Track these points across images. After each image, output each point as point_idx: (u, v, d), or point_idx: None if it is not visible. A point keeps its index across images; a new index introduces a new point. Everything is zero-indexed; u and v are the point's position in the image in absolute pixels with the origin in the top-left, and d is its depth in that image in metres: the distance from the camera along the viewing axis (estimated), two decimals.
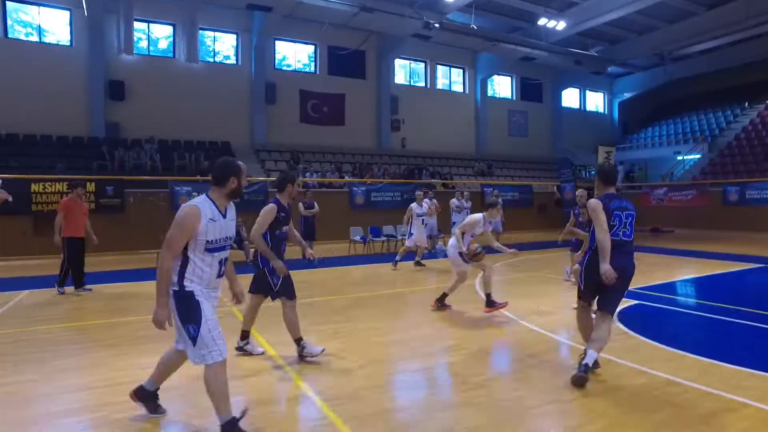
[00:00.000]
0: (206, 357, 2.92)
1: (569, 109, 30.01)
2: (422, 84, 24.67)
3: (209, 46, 20.15)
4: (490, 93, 26.65)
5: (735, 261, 11.65)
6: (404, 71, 24.27)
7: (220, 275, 3.12)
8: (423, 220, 11.70)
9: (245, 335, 4.74)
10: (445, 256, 13.44)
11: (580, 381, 3.88)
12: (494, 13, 21.36)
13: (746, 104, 26.87)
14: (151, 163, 16.52)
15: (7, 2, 16.57)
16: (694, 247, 15.06)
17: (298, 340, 4.59)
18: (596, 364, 4.09)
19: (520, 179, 24.08)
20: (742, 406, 3.55)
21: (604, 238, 3.94)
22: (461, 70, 25.78)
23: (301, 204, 12.45)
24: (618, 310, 6.55)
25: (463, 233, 6.59)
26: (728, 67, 26.49)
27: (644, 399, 3.71)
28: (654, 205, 22.19)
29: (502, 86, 27.53)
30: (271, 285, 4.55)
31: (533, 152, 27.21)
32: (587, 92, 31.03)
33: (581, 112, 30.76)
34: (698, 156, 25.16)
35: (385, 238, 14.33)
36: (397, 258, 11.01)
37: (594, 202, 4.09)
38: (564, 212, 21.17)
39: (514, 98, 27.64)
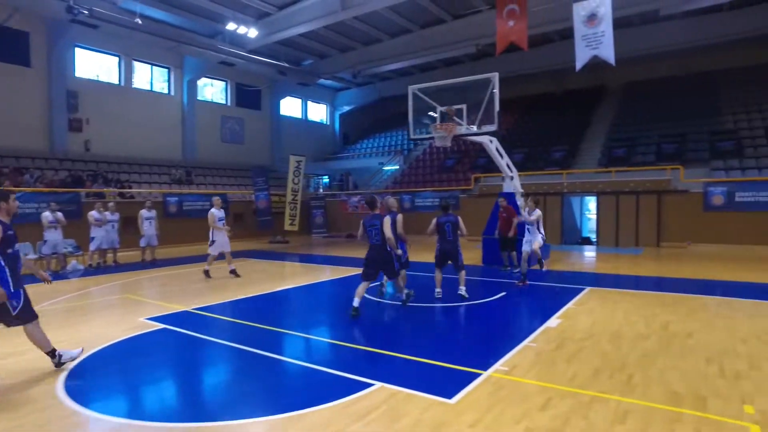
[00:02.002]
0: None
1: (291, 119, 30.61)
2: (115, 81, 21.98)
3: None
4: (200, 97, 25.33)
5: (358, 266, 12.60)
6: (93, 64, 21.24)
7: None
8: (223, 223, 11.13)
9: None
10: (81, 275, 11.93)
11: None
12: (184, 11, 20.07)
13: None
14: None
15: None
16: (349, 252, 16.24)
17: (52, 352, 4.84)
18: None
19: (226, 187, 23.34)
20: None
21: (359, 239, 7.60)
22: (166, 70, 23.87)
23: None
24: (127, 336, 6.12)
25: None
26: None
27: None
28: (350, 212, 23.77)
29: (215, 90, 26.48)
30: (9, 309, 4.57)
31: (250, 160, 26.79)
32: (309, 103, 32.12)
33: (303, 122, 31.71)
34: (397, 167, 28.09)
35: None
36: (206, 267, 10.96)
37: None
38: (259, 221, 21.16)
39: (229, 104, 26.84)
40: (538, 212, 9.75)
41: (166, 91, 23.91)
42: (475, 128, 10.19)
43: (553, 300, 8.13)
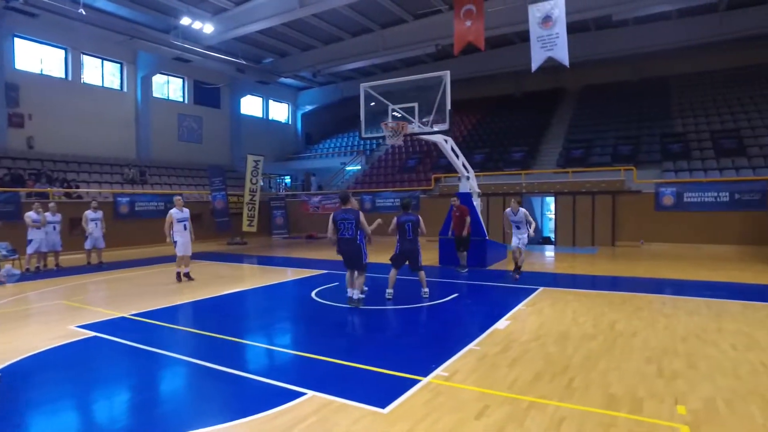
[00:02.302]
0: None
1: (252, 118, 29.98)
2: (62, 75, 20.95)
3: None
4: (156, 94, 24.47)
5: (313, 268, 12.35)
6: (37, 56, 20.17)
7: None
8: (185, 225, 10.51)
9: None
10: (18, 280, 11.24)
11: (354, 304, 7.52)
12: (136, 4, 19.34)
13: None
14: None
15: None
16: (307, 254, 15.94)
17: None
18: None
19: (183, 187, 22.63)
20: None
21: (330, 236, 7.65)
22: (119, 65, 22.95)
23: None
24: (49, 347, 5.71)
25: None
26: None
27: None
28: (311, 212, 23.42)
29: (172, 88, 25.64)
30: None
31: (208, 159, 26.01)
32: (271, 102, 31.54)
33: (264, 121, 31.10)
34: (359, 167, 27.87)
35: None
36: (177, 269, 10.50)
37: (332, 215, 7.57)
38: (217, 222, 20.56)
39: (187, 101, 26.04)
40: (522, 211, 10.01)
41: (118, 87, 22.99)
42: (428, 127, 10.08)
43: (505, 301, 8.08)
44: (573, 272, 11.46)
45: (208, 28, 19.92)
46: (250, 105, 30.14)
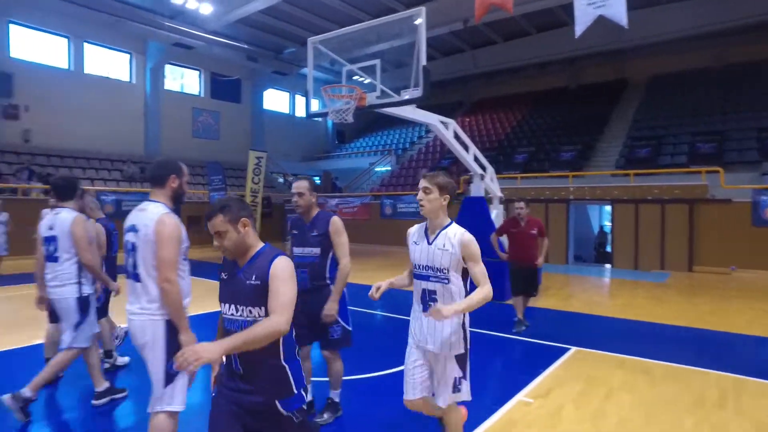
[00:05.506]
0: None
1: (277, 114, 27.88)
2: (64, 65, 19.50)
3: None
4: (169, 86, 22.79)
5: None
6: (37, 45, 18.81)
7: None
8: None
9: None
10: None
11: None
12: None
13: None
14: None
15: None
16: None
17: None
18: None
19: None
20: None
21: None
22: (128, 56, 21.35)
23: None
24: None
25: None
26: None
27: None
28: None
29: (188, 81, 23.88)
30: None
31: (227, 157, 24.01)
32: (298, 97, 29.31)
33: (290, 118, 28.89)
34: (388, 168, 25.04)
35: None
36: None
37: None
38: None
39: (203, 95, 24.21)
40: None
41: (127, 78, 21.38)
42: (394, 97, 7.04)
43: (504, 379, 4.94)
44: (628, 315, 7.94)
45: (206, 8, 17.74)
46: (276, 100, 28.07)
